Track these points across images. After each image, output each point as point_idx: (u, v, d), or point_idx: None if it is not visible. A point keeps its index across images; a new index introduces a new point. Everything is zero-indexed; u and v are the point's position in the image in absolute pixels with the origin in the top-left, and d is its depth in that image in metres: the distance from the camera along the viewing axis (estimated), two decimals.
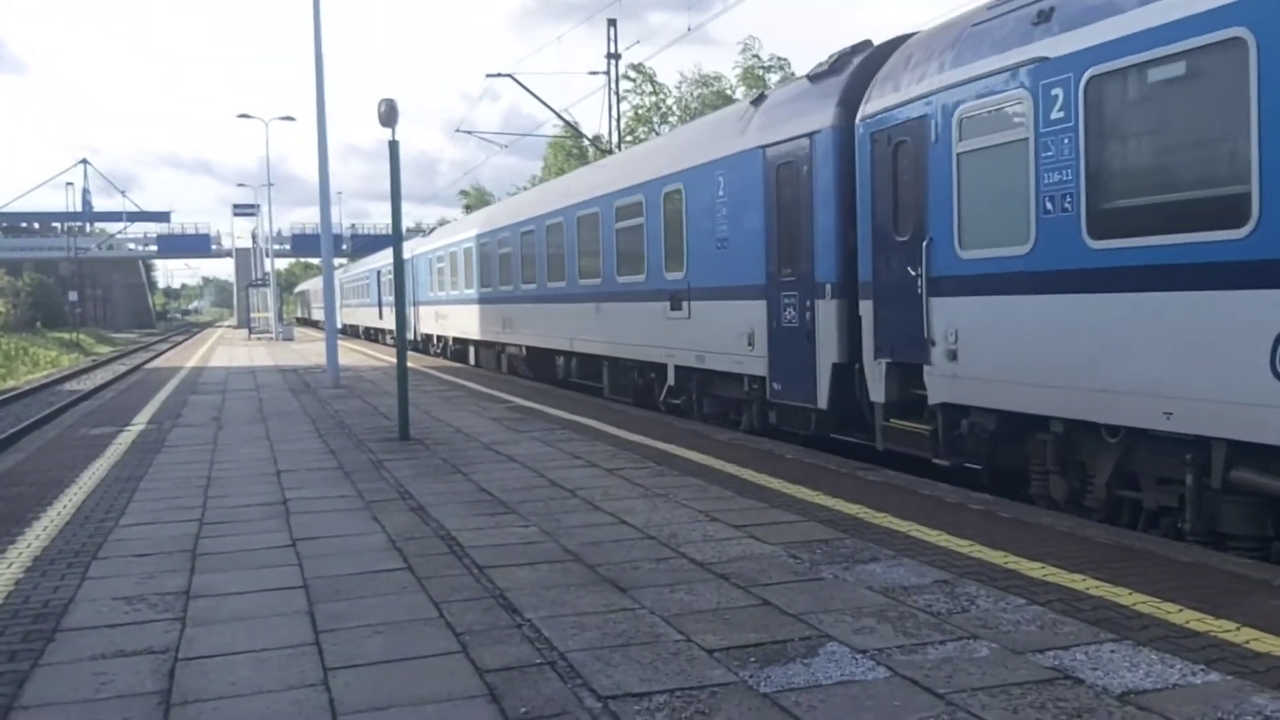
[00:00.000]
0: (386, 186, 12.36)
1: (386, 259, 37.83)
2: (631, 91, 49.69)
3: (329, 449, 11.16)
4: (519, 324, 21.43)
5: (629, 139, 42.95)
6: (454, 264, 28.10)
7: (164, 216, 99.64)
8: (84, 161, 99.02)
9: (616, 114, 38.07)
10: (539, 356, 20.69)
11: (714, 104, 44.01)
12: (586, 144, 44.53)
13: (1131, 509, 7.36)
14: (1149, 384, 6.68)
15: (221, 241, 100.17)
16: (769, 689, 4.05)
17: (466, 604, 5.27)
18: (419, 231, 51.13)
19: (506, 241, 22.29)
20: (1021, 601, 5.09)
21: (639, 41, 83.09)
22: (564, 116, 37.09)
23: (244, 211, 72.58)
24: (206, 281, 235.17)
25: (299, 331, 57.99)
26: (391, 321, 34.61)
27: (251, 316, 56.69)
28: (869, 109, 9.64)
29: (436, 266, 30.83)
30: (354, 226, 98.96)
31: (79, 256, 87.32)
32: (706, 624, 4.86)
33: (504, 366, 23.77)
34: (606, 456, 10.08)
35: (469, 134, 36.10)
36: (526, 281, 20.72)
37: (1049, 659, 4.30)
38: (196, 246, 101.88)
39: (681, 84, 51.62)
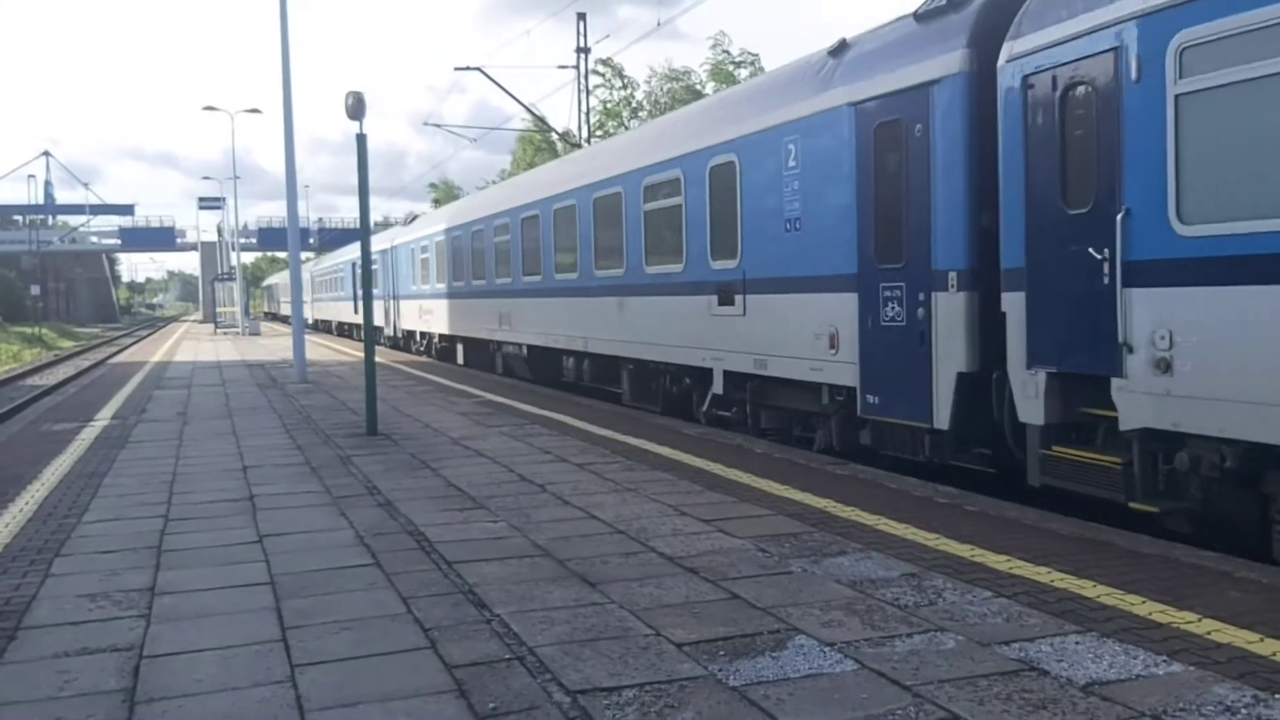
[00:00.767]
0: (354, 180, 12.29)
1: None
2: (601, 86, 49.67)
3: (296, 444, 11.08)
4: (519, 320, 19.14)
5: (598, 133, 42.89)
6: (441, 254, 25.56)
7: (128, 209, 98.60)
8: (46, 153, 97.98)
9: (586, 108, 38.01)
10: (543, 357, 18.45)
11: (684, 99, 44.01)
12: (555, 138, 44.44)
13: None
14: None
15: (186, 235, 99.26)
16: (738, 682, 4.06)
17: (435, 600, 5.25)
18: (387, 225, 50.62)
19: (504, 228, 19.87)
20: (988, 594, 5.13)
21: (608, 36, 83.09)
22: (533, 110, 37.04)
23: (209, 205, 71.85)
24: (171, 275, 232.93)
25: (266, 326, 57.50)
26: None
27: (217, 311, 56.19)
28: (1021, 46, 7.54)
29: (420, 257, 28.14)
30: (321, 220, 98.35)
31: (41, 250, 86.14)
32: (676, 618, 4.87)
33: (499, 367, 21.54)
34: (576, 451, 10.08)
35: (437, 127, 36.12)
36: (529, 273, 18.41)
37: (1015, 651, 4.34)
38: (161, 240, 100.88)
39: (651, 79, 51.64)
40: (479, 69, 30.67)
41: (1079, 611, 4.83)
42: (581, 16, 37.55)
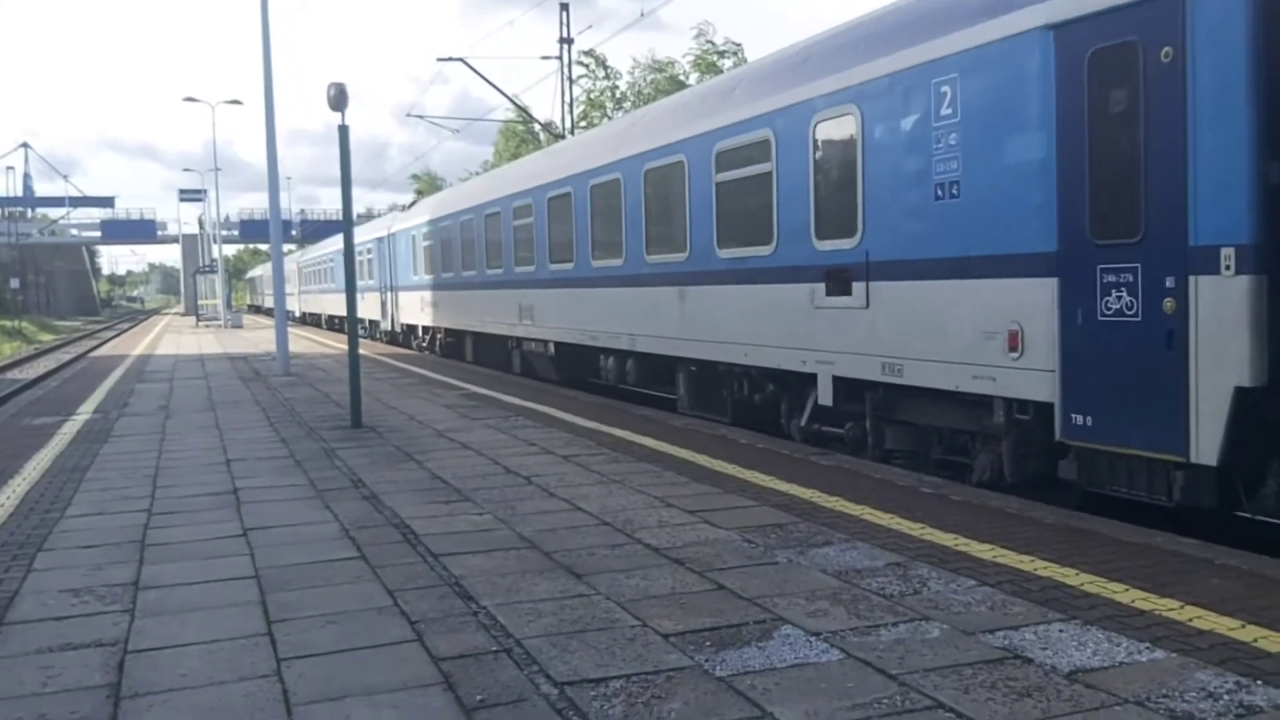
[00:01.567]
0: (336, 171, 12.23)
1: (356, 239, 33.20)
2: (585, 76, 49.52)
3: (280, 437, 11.04)
4: (544, 314, 16.85)
5: (582, 124, 42.78)
6: (448, 241, 22.94)
7: (108, 202, 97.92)
8: (25, 145, 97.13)
9: (569, 99, 37.92)
10: (573, 356, 16.31)
11: (666, 89, 43.94)
12: (539, 129, 44.32)
13: None
14: None
15: (167, 227, 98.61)
16: (724, 672, 4.07)
17: (421, 592, 5.25)
18: (370, 217, 50.18)
19: (526, 210, 17.55)
20: (972, 583, 5.16)
21: (591, 26, 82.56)
22: (516, 101, 36.90)
23: (191, 197, 71.28)
24: (152, 268, 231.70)
25: (249, 319, 57.26)
26: (363, 310, 31.22)
27: (200, 304, 55.85)
28: None
29: (423, 244, 25.48)
30: (303, 212, 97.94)
31: (20, 243, 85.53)
32: (662, 609, 4.88)
33: (516, 366, 19.30)
34: (561, 443, 10.07)
35: (420, 119, 35.75)
36: (558, 260, 16.12)
37: (999, 639, 4.37)
38: (142, 232, 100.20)
39: (635, 69, 51.52)
40: (462, 60, 30.60)
41: (1063, 599, 4.86)
42: (564, 7, 37.41)
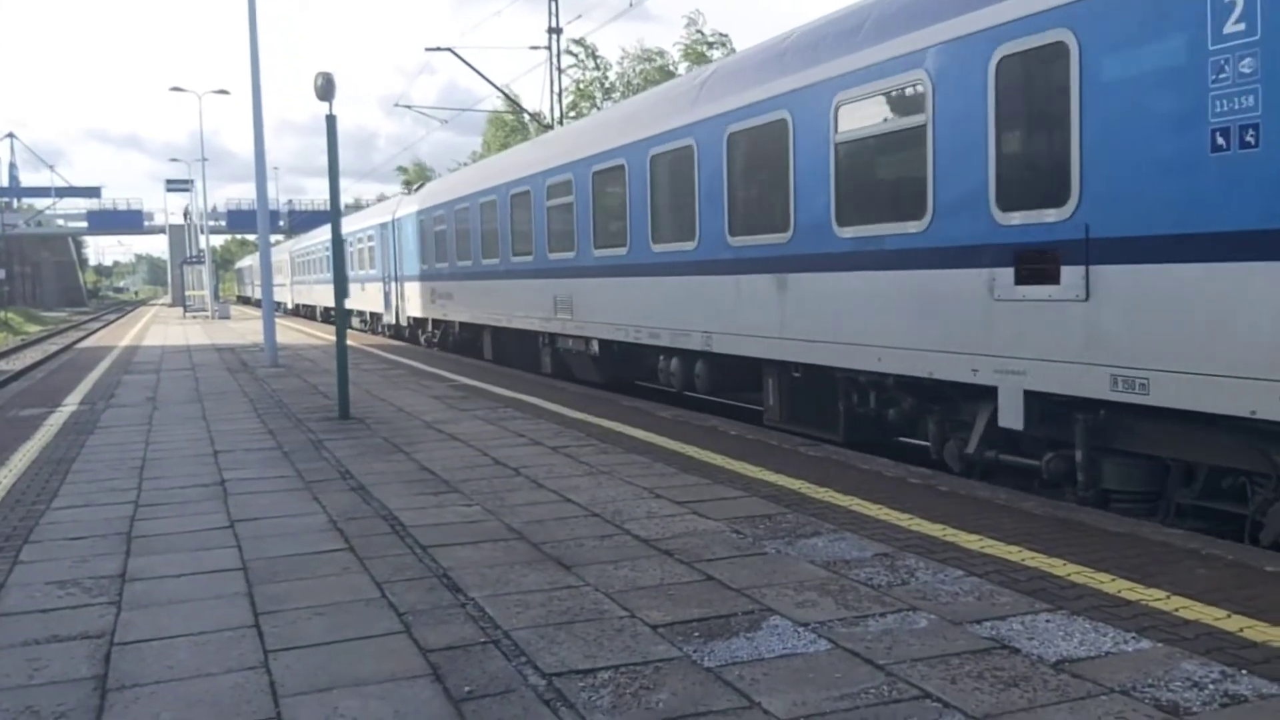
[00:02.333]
0: (322, 161, 12.28)
1: (354, 225, 32.13)
2: (574, 66, 49.44)
3: (267, 429, 11.01)
4: (587, 307, 14.58)
5: (571, 114, 42.70)
6: (465, 225, 20.58)
7: (94, 192, 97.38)
8: (10, 135, 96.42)
9: (558, 89, 37.82)
10: (622, 355, 14.26)
11: (655, 80, 43.89)
12: (527, 119, 44.21)
13: None
14: None
15: (154, 218, 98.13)
16: (713, 663, 4.08)
17: (409, 584, 5.24)
18: (358, 207, 49.90)
19: (563, 188, 15.21)
20: (960, 573, 5.17)
21: (580, 16, 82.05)
22: (505, 91, 36.78)
23: (177, 187, 70.95)
24: (139, 258, 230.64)
25: (237, 310, 57.05)
26: (365, 302, 30.94)
27: (187, 294, 55.60)
28: None
29: (434, 230, 23.10)
30: (291, 202, 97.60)
31: (6, 233, 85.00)
32: (650, 600, 4.88)
33: (547, 366, 17.01)
34: (550, 434, 10.06)
35: (408, 109, 35.65)
36: (606, 245, 13.87)
37: (986, 629, 4.38)
38: (128, 223, 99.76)
39: (624, 59, 51.47)
40: (450, 49, 30.48)
41: (1049, 590, 4.88)
42: None
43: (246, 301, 79.09)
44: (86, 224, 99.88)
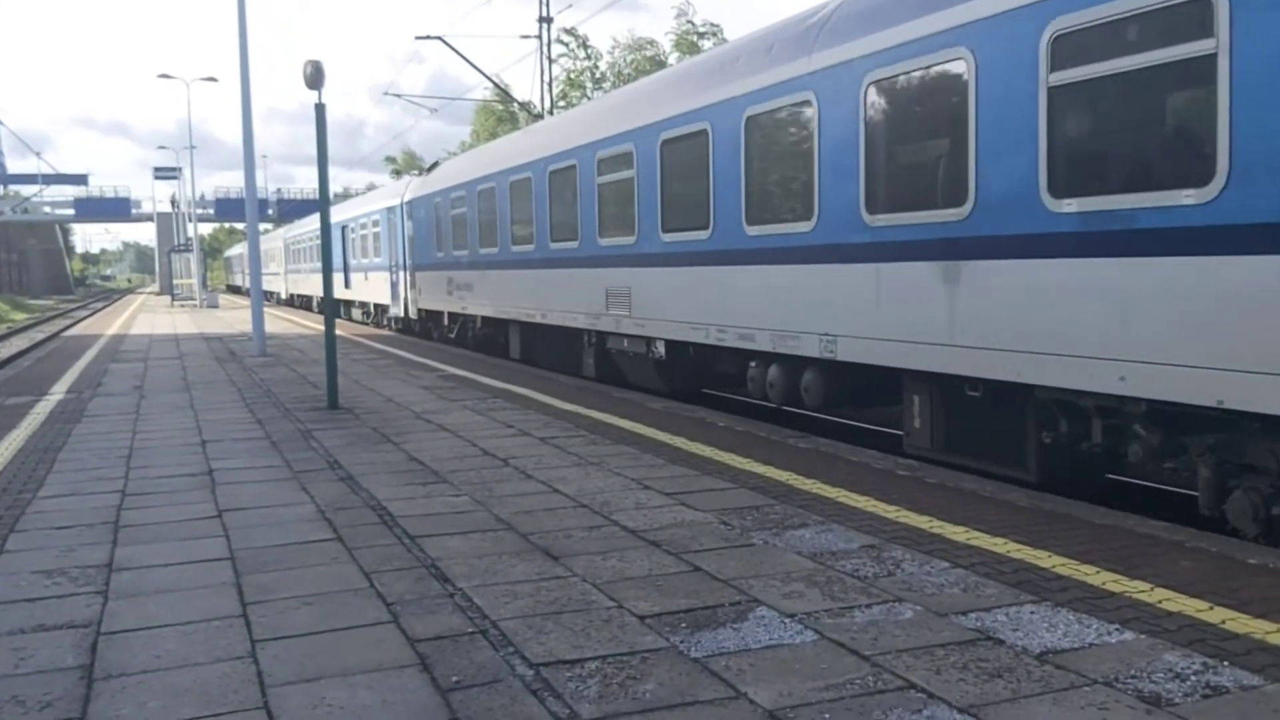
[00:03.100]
0: (311, 150, 12.41)
1: (356, 210, 31.39)
2: (565, 55, 49.25)
3: (255, 418, 10.99)
4: (650, 302, 12.27)
5: (561, 104, 42.58)
6: (490, 208, 18.06)
7: (81, 179, 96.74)
8: None
9: (549, 78, 37.72)
10: (696, 359, 12.09)
11: (647, 70, 43.79)
12: (517, 108, 44.08)
13: None
14: None
15: (142, 205, 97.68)
16: (699, 654, 4.09)
17: (397, 574, 5.25)
18: (346, 196, 49.73)
19: (618, 162, 12.87)
20: (945, 565, 5.20)
21: (570, 5, 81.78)
22: (495, 80, 36.67)
23: (165, 175, 70.60)
24: (127, 246, 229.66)
25: (226, 299, 56.80)
26: (368, 293, 30.42)
27: (175, 283, 55.31)
28: None
29: (452, 213, 20.53)
30: (280, 190, 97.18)
31: None
32: (638, 591, 4.89)
33: (590, 368, 14.66)
34: (539, 425, 10.07)
35: (397, 97, 35.48)
36: (676, 228, 11.62)
37: (971, 621, 4.41)
38: (116, 210, 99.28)
39: (615, 49, 51.28)
40: (440, 38, 30.36)
41: (1034, 582, 4.91)
42: None
43: (236, 291, 78.74)
44: (73, 211, 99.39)
